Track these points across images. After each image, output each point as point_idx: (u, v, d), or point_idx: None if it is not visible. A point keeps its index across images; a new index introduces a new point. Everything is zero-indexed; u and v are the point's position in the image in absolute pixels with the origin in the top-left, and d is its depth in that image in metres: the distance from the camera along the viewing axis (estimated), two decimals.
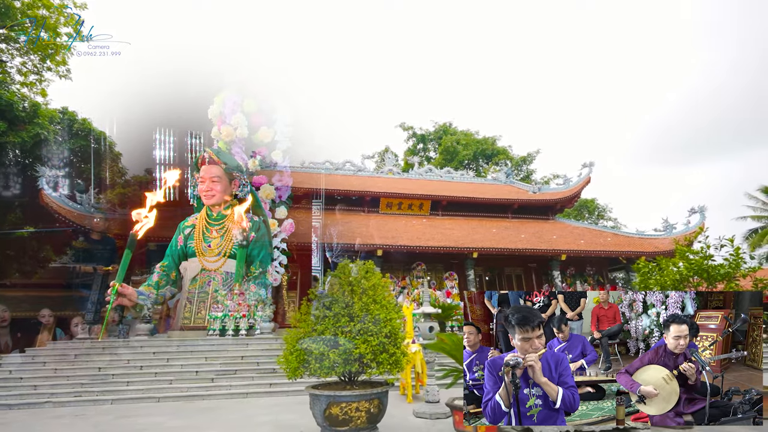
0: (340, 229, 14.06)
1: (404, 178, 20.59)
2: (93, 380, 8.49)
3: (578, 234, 16.86)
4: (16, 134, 9.45)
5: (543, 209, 18.82)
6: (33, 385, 8.12)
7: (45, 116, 10.55)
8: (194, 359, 9.68)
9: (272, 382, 8.81)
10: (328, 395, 4.51)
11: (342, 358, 4.52)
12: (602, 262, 16.88)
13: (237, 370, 9.27)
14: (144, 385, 8.46)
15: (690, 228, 16.12)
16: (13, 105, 9.60)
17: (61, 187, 11.88)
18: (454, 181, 21.30)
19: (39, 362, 9.08)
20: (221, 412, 6.89)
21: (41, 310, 14.82)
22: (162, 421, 6.22)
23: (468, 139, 38.09)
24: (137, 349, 9.90)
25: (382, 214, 16.48)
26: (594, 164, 18.99)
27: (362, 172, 20.50)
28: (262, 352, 10.24)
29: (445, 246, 13.46)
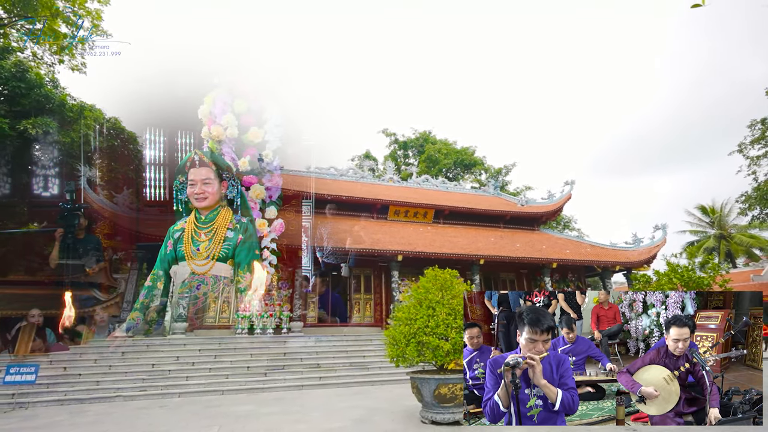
0: (357, 234, 14.96)
1: (404, 187, 21.79)
2: (151, 375, 8.87)
3: (562, 244, 18.92)
4: (66, 134, 9.44)
5: (530, 221, 20.79)
6: (95, 381, 8.39)
7: (90, 116, 10.53)
8: (240, 356, 10.24)
9: (321, 376, 9.62)
10: (437, 378, 5.57)
11: (446, 350, 5.58)
12: (581, 270, 19.06)
13: (285, 366, 9.97)
14: (203, 379, 8.97)
15: (654, 242, 18.70)
16: (64, 105, 9.59)
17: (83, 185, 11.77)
18: (449, 191, 22.82)
19: (89, 359, 9.27)
20: (296, 401, 7.66)
21: (31, 309, 14.13)
22: (253, 410, 6.91)
23: (448, 148, 39.99)
24: (182, 347, 10.28)
25: (391, 221, 17.55)
26: (575, 182, 21.32)
27: (364, 179, 21.47)
28: (300, 348, 10.97)
29: (456, 253, 14.81)
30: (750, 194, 22.46)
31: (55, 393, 7.81)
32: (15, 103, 8.71)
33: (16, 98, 8.69)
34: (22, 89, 8.60)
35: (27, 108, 8.74)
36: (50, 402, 7.55)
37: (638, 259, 17.82)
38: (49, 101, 9.00)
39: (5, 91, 8.54)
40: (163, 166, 13.23)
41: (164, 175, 12.99)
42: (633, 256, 18.06)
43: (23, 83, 8.61)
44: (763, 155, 21.81)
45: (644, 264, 18.20)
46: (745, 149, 22.53)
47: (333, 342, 11.71)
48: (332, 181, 19.71)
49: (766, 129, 21.36)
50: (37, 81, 8.96)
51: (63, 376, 8.47)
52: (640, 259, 17.87)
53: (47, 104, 8.91)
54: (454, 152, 40.71)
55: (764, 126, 21.43)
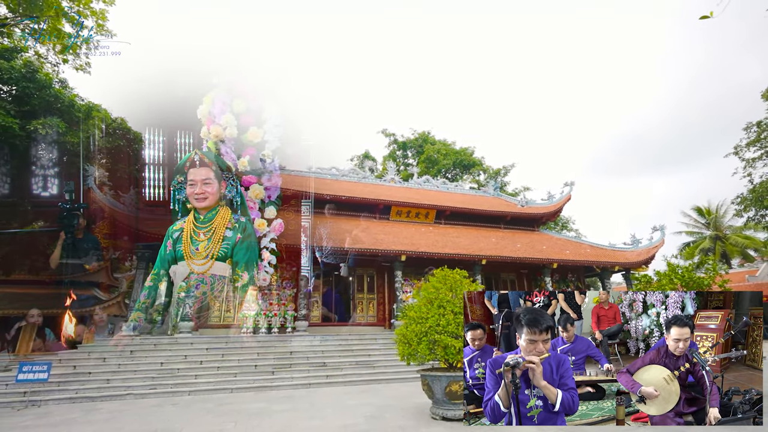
0: (361, 234, 15.08)
1: (405, 187, 21.94)
2: (161, 374, 8.95)
3: (562, 245, 19.12)
4: (74, 134, 9.49)
5: (530, 221, 20.99)
6: (105, 379, 8.46)
7: (98, 117, 10.57)
8: (246, 355, 10.34)
9: (327, 374, 9.74)
10: (449, 375, 5.71)
11: (458, 348, 5.72)
12: (580, 270, 19.28)
13: (292, 364, 10.08)
14: (212, 378, 9.07)
15: (653, 243, 18.95)
16: (73, 105, 9.64)
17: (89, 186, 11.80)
18: (450, 192, 23.00)
19: (97, 358, 9.34)
20: (305, 399, 7.78)
21: (31, 309, 14.10)
22: (264, 407, 7.03)
23: (447, 149, 40.18)
24: (189, 346, 10.37)
25: (393, 221, 17.69)
26: (574, 183, 21.57)
27: (366, 179, 21.60)
28: (306, 348, 11.08)
29: (459, 253, 14.96)
30: (745, 196, 22.76)
31: (66, 391, 7.89)
32: (24, 103, 8.77)
33: (26, 98, 8.75)
34: (32, 89, 8.66)
35: (35, 108, 8.79)
36: (62, 400, 7.62)
37: (637, 260, 18.06)
38: (59, 101, 9.06)
39: (15, 91, 8.59)
40: (163, 165, 13.29)
41: (166, 174, 13.03)
42: (632, 257, 18.30)
43: (33, 83, 8.67)
44: (759, 157, 22.12)
45: (643, 264, 18.44)
46: (740, 151, 22.84)
47: (338, 341, 11.83)
48: (334, 182, 19.82)
49: (761, 131, 21.66)
50: (46, 81, 9.02)
51: (73, 374, 8.54)
52: (638, 259, 18.11)
53: (57, 104, 8.96)
54: (453, 153, 40.87)
55: (760, 128, 21.73)
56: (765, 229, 24.16)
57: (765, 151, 21.50)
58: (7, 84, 8.48)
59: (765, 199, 21.32)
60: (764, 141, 21.33)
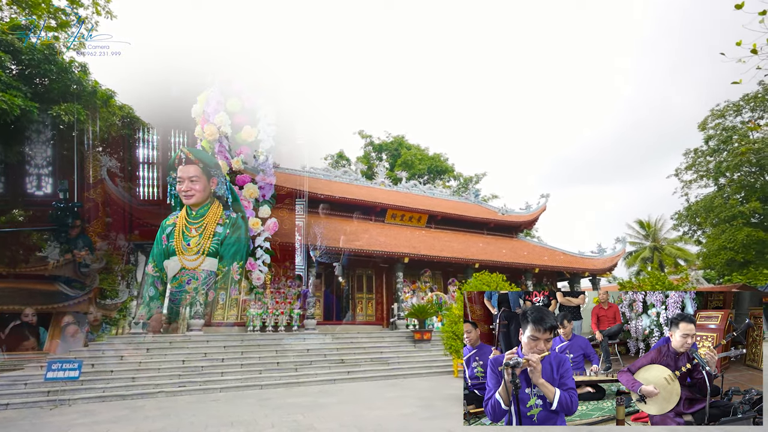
0: (362, 236, 15.49)
1: (395, 191, 22.59)
2: (186, 372, 8.88)
3: (539, 251, 20.76)
4: (93, 122, 8.95)
5: (509, 228, 22.52)
6: (129, 377, 8.28)
7: (115, 106, 9.96)
8: (266, 352, 10.45)
9: (348, 371, 10.13)
10: None
11: None
12: (553, 275, 21.04)
13: (312, 361, 10.34)
14: (238, 375, 9.13)
15: (616, 252, 21.19)
16: (95, 92, 9.06)
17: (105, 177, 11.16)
18: (435, 197, 23.99)
19: (112, 356, 9.03)
20: (342, 393, 8.15)
21: (25, 309, 13.12)
22: (312, 401, 7.32)
23: (422, 154, 41.45)
24: (205, 344, 10.29)
25: (388, 224, 18.24)
26: (550, 195, 23.48)
27: (358, 181, 21.96)
28: (321, 345, 11.36)
29: (455, 257, 15.86)
30: (682, 213, 25.93)
31: (92, 390, 7.65)
32: (44, 87, 8.20)
33: (45, 83, 8.19)
34: (54, 73, 8.14)
35: (54, 94, 8.25)
36: (91, 399, 7.41)
37: (603, 267, 20.08)
38: (80, 86, 8.56)
39: (35, 73, 8.00)
40: (159, 164, 12.87)
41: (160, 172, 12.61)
42: (599, 264, 20.30)
43: (55, 66, 8.15)
44: (694, 180, 25.37)
45: (608, 271, 20.54)
46: (680, 174, 26.06)
47: (348, 339, 12.21)
48: (326, 182, 19.99)
49: (696, 158, 24.90)
50: (67, 65, 8.48)
51: (93, 372, 8.24)
52: (604, 266, 20.14)
53: (79, 90, 8.46)
54: (427, 158, 42.16)
55: (696, 155, 24.98)
56: (695, 242, 27.53)
57: (699, 175, 24.84)
58: (28, 67, 7.89)
59: (699, 216, 24.48)
60: (698, 166, 24.61)
